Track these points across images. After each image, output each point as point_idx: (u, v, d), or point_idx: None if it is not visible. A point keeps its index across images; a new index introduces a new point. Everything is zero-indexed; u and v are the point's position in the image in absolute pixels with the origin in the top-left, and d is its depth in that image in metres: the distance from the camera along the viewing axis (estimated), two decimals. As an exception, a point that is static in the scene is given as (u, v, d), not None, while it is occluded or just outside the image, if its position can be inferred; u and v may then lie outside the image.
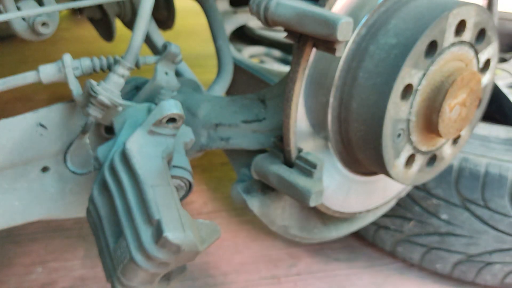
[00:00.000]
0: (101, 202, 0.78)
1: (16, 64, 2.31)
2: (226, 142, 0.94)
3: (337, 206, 1.00)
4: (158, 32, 1.21)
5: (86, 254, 1.35)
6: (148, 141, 0.77)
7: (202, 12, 1.25)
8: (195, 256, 0.72)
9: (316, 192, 0.81)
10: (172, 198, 0.72)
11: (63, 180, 0.95)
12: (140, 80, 0.98)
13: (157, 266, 0.71)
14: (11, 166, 0.88)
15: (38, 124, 0.88)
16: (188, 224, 0.71)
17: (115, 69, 0.84)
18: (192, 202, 1.56)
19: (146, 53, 0.99)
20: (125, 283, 0.73)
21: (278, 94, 0.92)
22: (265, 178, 0.88)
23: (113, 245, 0.74)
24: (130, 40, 0.85)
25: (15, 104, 1.99)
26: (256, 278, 1.29)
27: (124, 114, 0.85)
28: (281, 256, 1.37)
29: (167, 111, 0.76)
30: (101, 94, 0.80)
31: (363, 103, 0.82)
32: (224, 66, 1.18)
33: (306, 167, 0.83)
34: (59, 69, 0.84)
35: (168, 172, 0.76)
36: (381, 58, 0.80)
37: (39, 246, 1.37)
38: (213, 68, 1.22)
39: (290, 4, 0.71)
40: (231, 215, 1.52)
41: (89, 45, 2.39)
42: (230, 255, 1.36)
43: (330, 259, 1.38)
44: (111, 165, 0.77)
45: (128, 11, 1.31)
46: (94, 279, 1.27)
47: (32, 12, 0.81)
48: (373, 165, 0.89)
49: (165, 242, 0.67)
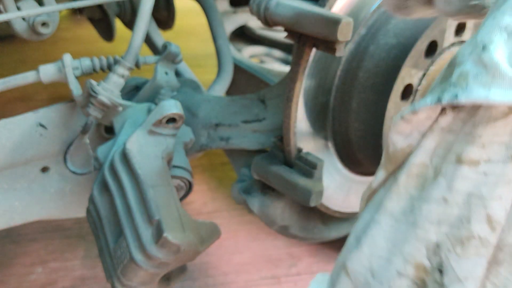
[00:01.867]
0: (101, 202, 0.78)
1: (16, 64, 2.31)
2: (226, 142, 0.94)
3: (337, 206, 1.00)
4: (158, 32, 1.21)
5: (86, 254, 1.35)
6: (148, 141, 0.77)
7: (202, 12, 1.25)
8: (195, 256, 0.72)
9: (316, 192, 0.81)
10: (172, 198, 0.73)
11: (63, 180, 0.95)
12: (140, 80, 0.98)
13: (157, 266, 0.71)
14: (11, 166, 0.88)
15: (38, 124, 0.88)
16: (188, 224, 0.71)
17: (115, 69, 0.84)
18: (192, 202, 1.56)
19: (146, 53, 0.99)
20: (125, 283, 0.73)
21: (278, 94, 0.92)
22: (265, 178, 0.88)
23: (113, 245, 0.74)
24: (130, 40, 0.85)
25: (15, 104, 1.98)
26: (256, 278, 1.29)
27: (124, 114, 0.85)
28: (281, 256, 1.37)
29: (167, 111, 0.76)
30: (101, 94, 0.80)
31: (363, 103, 0.82)
32: (224, 66, 1.18)
33: (306, 167, 0.83)
34: (59, 69, 0.84)
35: (168, 172, 0.76)
36: (381, 58, 0.80)
37: (39, 246, 1.36)
38: (213, 68, 1.22)
39: (290, 4, 0.71)
40: (231, 215, 1.52)
41: (89, 45, 2.39)
42: (230, 255, 1.36)
43: (330, 259, 1.38)
44: (111, 165, 0.77)
45: (128, 11, 1.31)
46: (94, 279, 1.27)
47: (32, 12, 0.81)
48: (373, 165, 0.89)
49: (165, 242, 0.67)
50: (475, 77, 0.34)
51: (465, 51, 0.35)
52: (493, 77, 0.33)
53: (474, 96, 0.34)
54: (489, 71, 0.33)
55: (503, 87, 0.33)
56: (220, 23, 1.22)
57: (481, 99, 0.34)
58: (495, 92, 0.33)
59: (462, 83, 0.35)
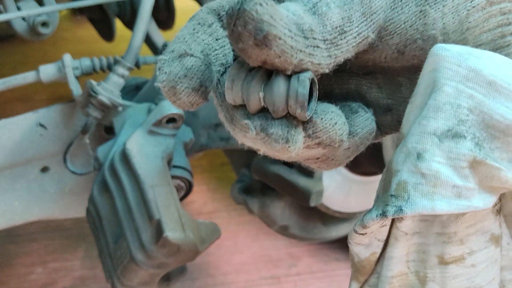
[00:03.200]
0: (101, 202, 0.78)
1: (16, 64, 2.31)
2: (226, 142, 0.94)
3: (337, 206, 1.00)
4: (158, 32, 1.21)
5: (86, 254, 1.35)
6: (148, 141, 0.77)
7: (202, 12, 1.24)
8: (195, 256, 0.72)
9: (316, 192, 0.81)
10: (172, 198, 0.73)
11: (63, 180, 0.95)
12: (140, 80, 0.98)
13: (157, 266, 0.71)
14: (11, 166, 0.88)
15: (38, 124, 0.88)
16: (188, 224, 0.71)
17: (115, 69, 0.84)
18: (192, 202, 1.56)
19: (146, 53, 0.99)
20: (125, 283, 0.73)
21: (278, 94, 0.92)
22: (265, 178, 0.88)
23: (113, 245, 0.74)
24: (130, 40, 0.85)
25: (15, 104, 1.98)
26: (256, 278, 1.29)
27: (124, 114, 0.85)
28: (281, 256, 1.37)
29: (167, 111, 0.76)
30: (101, 94, 0.80)
31: (363, 103, 0.82)
32: (224, 66, 1.18)
33: (306, 167, 0.83)
34: (59, 69, 0.83)
35: (168, 172, 0.76)
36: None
37: (39, 246, 1.36)
38: (213, 68, 1.22)
39: (290, 4, 0.71)
40: (231, 215, 1.52)
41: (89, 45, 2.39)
42: (230, 255, 1.36)
43: (330, 259, 1.38)
44: (111, 165, 0.77)
45: (128, 11, 1.31)
46: (94, 279, 1.27)
47: (32, 12, 0.81)
48: (373, 165, 0.89)
49: (165, 242, 0.67)
50: (415, 187, 0.33)
51: (399, 158, 0.34)
52: (434, 187, 0.32)
53: (419, 208, 0.32)
54: (429, 181, 0.32)
55: (447, 196, 0.32)
56: (220, 23, 1.21)
57: (427, 210, 0.32)
58: (440, 203, 0.32)
59: (404, 194, 0.33)
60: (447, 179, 0.32)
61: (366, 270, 0.41)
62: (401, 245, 0.37)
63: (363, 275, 0.41)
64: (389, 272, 0.38)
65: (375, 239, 0.38)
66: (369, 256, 0.39)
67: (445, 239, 0.36)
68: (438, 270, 0.37)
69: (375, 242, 0.38)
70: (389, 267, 0.38)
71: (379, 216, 0.34)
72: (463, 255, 0.36)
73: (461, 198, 0.32)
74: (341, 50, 0.31)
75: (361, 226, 0.36)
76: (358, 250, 0.39)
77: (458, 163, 0.32)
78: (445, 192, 0.32)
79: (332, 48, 0.31)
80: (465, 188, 0.32)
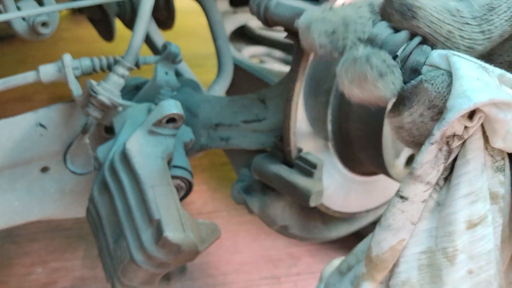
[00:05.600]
0: (101, 202, 0.78)
1: (16, 64, 2.31)
2: (226, 142, 0.94)
3: (337, 206, 1.00)
4: (158, 32, 1.21)
5: (86, 254, 1.35)
6: (148, 141, 0.77)
7: (202, 12, 1.24)
8: (195, 256, 0.72)
9: (316, 192, 0.81)
10: (172, 198, 0.73)
11: (63, 180, 0.95)
12: (140, 80, 0.98)
13: (157, 266, 0.71)
14: (11, 166, 0.88)
15: (38, 124, 0.88)
16: (188, 224, 0.71)
17: (115, 69, 0.84)
18: (192, 202, 1.56)
19: (146, 53, 0.99)
20: (125, 283, 0.73)
21: (278, 94, 0.92)
22: (265, 178, 0.88)
23: (113, 245, 0.74)
24: (130, 40, 0.85)
25: (15, 104, 1.98)
26: (256, 278, 1.29)
27: (124, 114, 0.85)
28: (281, 256, 1.37)
29: (167, 111, 0.76)
30: (101, 94, 0.80)
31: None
32: (224, 66, 1.18)
33: (306, 167, 0.83)
34: (59, 69, 0.83)
35: (168, 172, 0.76)
36: (381, 58, 0.80)
37: (39, 246, 1.36)
38: (213, 68, 1.22)
39: (290, 4, 0.71)
40: (231, 215, 1.52)
41: (89, 45, 2.39)
42: (230, 255, 1.36)
43: (330, 259, 1.37)
44: (111, 165, 0.77)
45: (128, 11, 1.31)
46: (94, 279, 1.27)
47: (32, 12, 0.81)
48: (373, 165, 0.89)
49: (165, 242, 0.67)
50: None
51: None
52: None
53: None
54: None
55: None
56: (220, 23, 1.21)
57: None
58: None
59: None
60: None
61: (386, 265, 0.39)
62: (434, 217, 0.37)
63: (381, 271, 0.40)
64: (418, 247, 0.38)
65: (408, 222, 0.37)
66: (395, 245, 0.38)
67: (473, 198, 0.36)
68: (466, 236, 0.37)
69: (408, 225, 0.37)
70: (418, 242, 0.38)
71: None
72: (487, 213, 0.37)
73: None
74: (494, 25, 0.33)
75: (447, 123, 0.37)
76: (384, 236, 0.38)
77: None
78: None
79: (483, 24, 0.33)
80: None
